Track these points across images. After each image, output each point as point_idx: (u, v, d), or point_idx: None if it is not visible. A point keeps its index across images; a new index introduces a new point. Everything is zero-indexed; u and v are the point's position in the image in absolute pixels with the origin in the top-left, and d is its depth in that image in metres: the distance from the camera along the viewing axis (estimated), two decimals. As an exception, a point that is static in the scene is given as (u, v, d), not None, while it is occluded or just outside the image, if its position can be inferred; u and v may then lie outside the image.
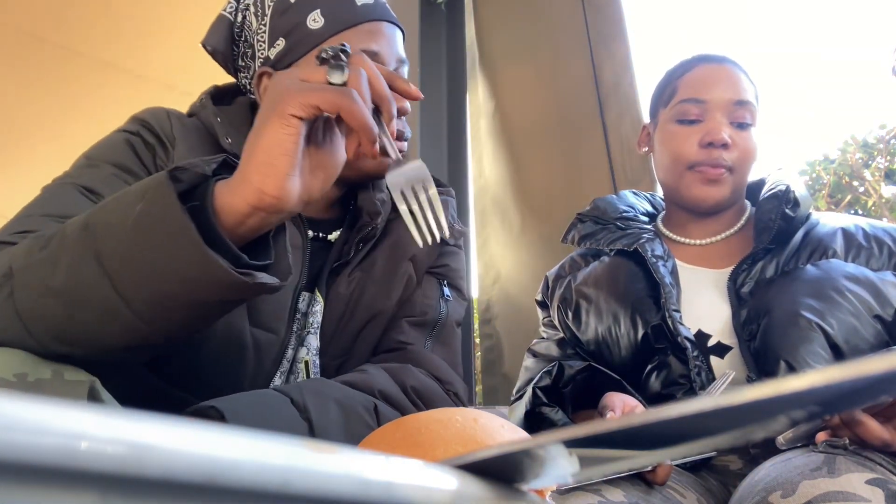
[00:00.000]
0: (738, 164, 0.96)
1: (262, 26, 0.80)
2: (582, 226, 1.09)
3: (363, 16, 0.79)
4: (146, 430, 0.13)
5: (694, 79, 0.99)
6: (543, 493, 0.40)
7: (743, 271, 0.93)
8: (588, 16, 1.71)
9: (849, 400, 0.19)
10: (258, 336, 0.73)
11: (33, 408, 0.12)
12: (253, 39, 0.81)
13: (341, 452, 0.17)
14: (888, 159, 4.88)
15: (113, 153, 0.73)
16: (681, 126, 0.98)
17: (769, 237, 0.92)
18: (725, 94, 0.96)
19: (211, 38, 0.83)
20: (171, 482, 0.13)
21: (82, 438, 0.12)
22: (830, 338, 0.83)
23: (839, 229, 0.94)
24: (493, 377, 1.88)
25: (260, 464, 0.15)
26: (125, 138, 0.74)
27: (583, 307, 1.01)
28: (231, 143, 0.76)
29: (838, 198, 4.89)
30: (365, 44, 0.78)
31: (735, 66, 1.00)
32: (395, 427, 0.42)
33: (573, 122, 1.73)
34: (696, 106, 0.97)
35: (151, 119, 0.76)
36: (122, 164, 0.72)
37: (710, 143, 0.94)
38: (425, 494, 0.19)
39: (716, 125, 0.95)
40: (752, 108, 0.96)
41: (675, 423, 0.20)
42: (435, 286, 0.86)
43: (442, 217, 0.59)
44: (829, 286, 0.86)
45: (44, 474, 0.12)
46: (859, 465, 0.63)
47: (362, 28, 0.78)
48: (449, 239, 0.85)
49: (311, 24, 0.78)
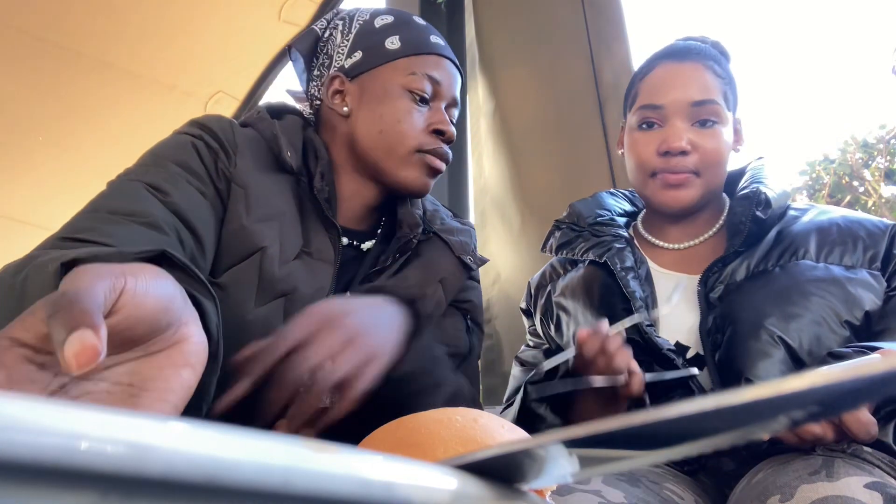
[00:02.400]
0: (703, 166, 0.92)
1: (346, 41, 0.90)
2: (559, 233, 1.07)
3: (434, 49, 0.89)
4: (146, 430, 0.13)
5: (652, 82, 0.96)
6: (543, 493, 0.40)
7: (713, 274, 0.91)
8: (588, 16, 1.71)
9: (849, 400, 0.19)
10: None
11: (33, 408, 0.12)
12: (333, 52, 0.91)
13: (341, 452, 0.17)
14: (888, 159, 4.88)
15: (177, 153, 0.75)
16: (641, 133, 0.96)
17: (740, 241, 0.90)
18: (683, 95, 0.92)
19: (299, 44, 0.92)
20: (171, 482, 0.13)
21: (82, 438, 0.12)
22: (794, 351, 0.81)
23: (814, 228, 0.91)
24: (493, 377, 1.88)
25: (260, 464, 0.15)
26: (188, 140, 0.78)
27: (563, 320, 1.00)
28: (290, 156, 0.82)
29: (838, 198, 4.89)
30: (431, 70, 0.87)
31: (698, 61, 0.95)
32: (395, 427, 0.42)
33: (573, 122, 1.73)
34: (654, 112, 0.94)
35: (213, 125, 0.80)
36: (187, 164, 0.75)
37: (668, 152, 0.92)
38: (425, 494, 0.19)
39: (674, 132, 0.92)
40: (714, 106, 0.92)
41: (675, 423, 0.20)
42: (460, 319, 0.90)
43: None
44: (795, 292, 0.84)
45: (44, 474, 0.12)
46: (858, 468, 0.63)
47: (431, 58, 0.88)
48: (473, 265, 0.90)
49: (389, 45, 0.87)
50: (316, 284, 0.79)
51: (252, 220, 0.76)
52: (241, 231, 0.75)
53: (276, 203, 0.79)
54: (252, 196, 0.77)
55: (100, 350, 0.32)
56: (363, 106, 0.86)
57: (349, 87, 0.88)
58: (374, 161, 0.85)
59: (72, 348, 0.32)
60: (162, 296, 0.40)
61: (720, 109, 0.93)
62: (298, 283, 0.77)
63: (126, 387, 0.39)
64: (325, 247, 0.81)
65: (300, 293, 0.76)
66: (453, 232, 0.92)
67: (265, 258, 0.75)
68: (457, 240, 0.91)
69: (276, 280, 0.75)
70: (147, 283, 0.39)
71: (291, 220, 0.80)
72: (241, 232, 0.75)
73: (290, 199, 0.82)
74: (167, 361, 0.41)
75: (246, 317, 0.73)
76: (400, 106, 0.85)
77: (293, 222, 0.80)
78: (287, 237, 0.78)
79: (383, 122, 0.84)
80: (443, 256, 0.88)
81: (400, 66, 0.86)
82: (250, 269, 0.74)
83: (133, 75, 2.48)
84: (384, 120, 0.84)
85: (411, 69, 0.86)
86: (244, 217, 0.76)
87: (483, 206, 1.98)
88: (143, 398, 0.39)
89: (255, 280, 0.74)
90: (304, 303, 0.76)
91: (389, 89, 0.85)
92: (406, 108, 0.85)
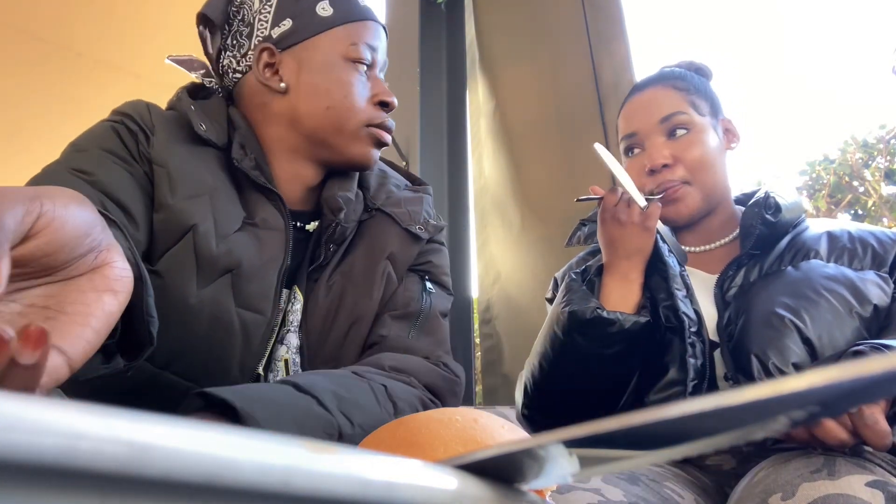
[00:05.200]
0: (692, 172, 0.98)
1: (267, 6, 0.82)
2: (586, 228, 1.10)
3: (367, 14, 0.84)
4: (146, 430, 0.13)
5: (625, 115, 1.06)
6: (543, 493, 0.40)
7: (728, 277, 0.95)
8: (588, 16, 1.71)
9: (849, 400, 0.19)
10: (245, 317, 0.73)
11: (33, 408, 0.12)
12: (253, 19, 0.83)
13: (341, 452, 0.17)
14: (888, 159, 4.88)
15: (100, 140, 0.74)
16: (629, 160, 1.04)
17: (751, 242, 0.94)
18: (650, 117, 1.01)
19: (209, 9, 0.83)
20: (171, 482, 0.13)
21: (82, 438, 0.12)
22: (803, 333, 0.83)
23: (825, 233, 0.95)
24: (493, 377, 1.88)
25: (260, 464, 0.15)
26: (110, 125, 0.76)
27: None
28: (205, 129, 0.78)
29: (838, 198, 4.89)
30: (369, 39, 0.83)
31: (658, 84, 1.04)
32: (395, 427, 0.42)
33: (573, 122, 1.73)
34: (631, 140, 1.03)
35: (131, 110, 0.78)
36: (110, 148, 0.73)
37: (652, 170, 0.98)
38: (425, 494, 0.19)
39: (651, 152, 0.99)
40: (681, 117, 0.99)
41: (675, 423, 0.20)
42: (416, 281, 0.86)
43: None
44: (806, 286, 0.87)
45: (44, 474, 0.12)
46: (859, 467, 0.63)
47: (366, 24, 0.83)
48: (423, 234, 0.86)
49: (321, 11, 0.81)
50: (266, 255, 0.75)
51: (178, 198, 0.72)
52: (169, 211, 0.71)
53: (203, 178, 0.75)
54: (174, 174, 0.73)
55: (3, 275, 0.31)
56: (303, 81, 0.80)
57: (282, 60, 0.81)
58: (322, 139, 0.81)
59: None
60: (81, 221, 0.38)
61: (689, 118, 1.00)
62: (243, 257, 0.73)
63: (41, 309, 0.38)
64: (270, 215, 0.77)
65: (246, 266, 0.73)
66: (400, 203, 0.88)
67: (198, 236, 0.71)
68: (403, 211, 0.86)
69: (216, 257, 0.71)
70: (66, 208, 0.37)
71: (225, 194, 0.76)
72: (169, 212, 0.71)
73: (220, 173, 0.78)
74: (88, 286, 0.39)
75: (189, 300, 0.69)
76: (345, 79, 0.80)
77: (228, 196, 0.76)
78: (221, 212, 0.74)
79: (330, 97, 0.80)
80: (389, 231, 0.84)
81: (339, 34, 0.81)
82: (185, 250, 0.70)
83: (134, 75, 2.48)
84: (331, 95, 0.80)
85: (352, 39, 0.81)
86: (169, 197, 0.72)
87: (483, 206, 1.98)
88: (60, 320, 0.37)
89: (193, 260, 0.70)
90: (254, 275, 0.74)
91: (331, 61, 0.80)
92: (351, 80, 0.80)
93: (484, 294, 1.97)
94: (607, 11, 1.69)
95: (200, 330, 0.70)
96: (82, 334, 0.37)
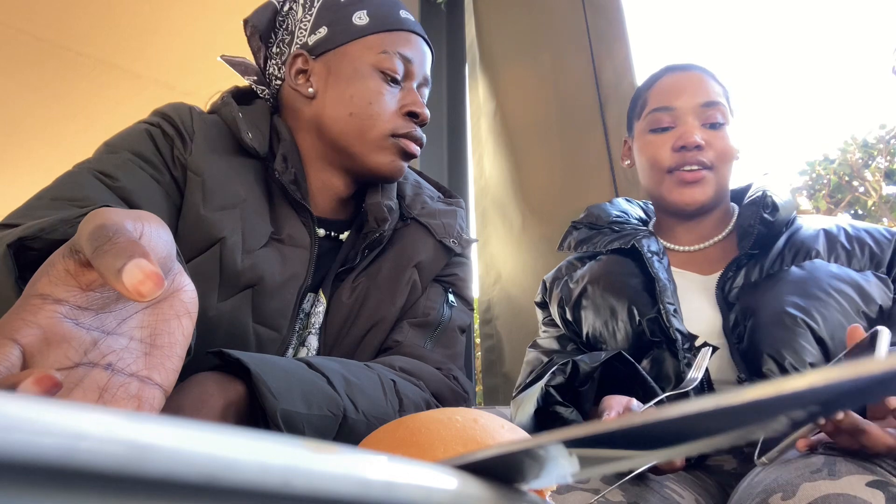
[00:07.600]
0: (717, 161, 0.98)
1: (308, 16, 0.84)
2: (577, 232, 1.11)
3: (405, 25, 0.83)
4: (146, 430, 0.13)
5: (662, 88, 1.03)
6: (543, 494, 0.40)
7: (729, 278, 0.95)
8: (588, 16, 1.71)
9: (849, 400, 0.19)
10: (261, 333, 0.73)
11: (33, 408, 0.12)
12: (294, 28, 0.84)
13: (341, 452, 0.17)
14: (888, 159, 4.88)
15: (132, 142, 0.74)
16: (654, 135, 1.01)
17: (750, 242, 0.94)
18: (693, 98, 0.99)
19: (255, 18, 0.85)
20: (171, 482, 0.13)
21: (82, 438, 0.12)
22: (816, 332, 0.83)
23: (821, 231, 0.96)
24: (493, 377, 1.88)
25: (260, 464, 0.15)
26: (145, 129, 0.75)
27: (581, 303, 1.02)
28: (251, 138, 0.78)
29: (838, 198, 4.89)
30: (403, 48, 0.82)
31: (701, 71, 1.03)
32: (395, 427, 0.42)
33: (573, 123, 1.73)
34: (667, 114, 1.00)
35: (172, 112, 0.77)
36: (140, 152, 0.73)
37: (683, 147, 0.97)
38: (425, 494, 0.19)
39: (687, 129, 0.98)
40: (721, 107, 0.99)
41: (675, 423, 0.20)
42: (440, 292, 0.86)
43: None
44: (813, 285, 0.87)
45: (44, 474, 0.12)
46: (860, 466, 0.63)
47: (402, 34, 0.83)
48: (457, 247, 0.86)
49: (357, 20, 0.82)
50: (287, 272, 0.75)
51: (209, 209, 0.72)
52: (199, 221, 0.71)
53: (237, 190, 0.75)
54: (209, 184, 0.73)
55: (162, 277, 0.32)
56: (330, 87, 0.81)
57: (314, 66, 0.82)
58: (344, 146, 0.81)
59: (133, 278, 0.31)
60: (168, 244, 0.40)
61: (726, 112, 1.00)
62: (265, 273, 0.73)
63: (139, 343, 0.39)
64: (297, 232, 0.77)
65: (267, 283, 0.73)
66: (435, 215, 0.88)
67: (225, 249, 0.71)
68: (438, 223, 0.87)
69: (239, 272, 0.71)
70: (157, 231, 0.38)
71: (257, 207, 0.76)
72: (199, 222, 0.71)
73: (256, 185, 0.77)
74: (171, 312, 0.40)
75: (208, 313, 0.69)
76: (371, 86, 0.80)
77: (259, 209, 0.76)
78: (251, 225, 0.74)
79: (353, 103, 0.80)
80: (422, 241, 0.85)
81: (370, 43, 0.81)
82: (210, 262, 0.70)
83: (134, 75, 2.48)
84: (354, 102, 0.80)
85: (382, 47, 0.81)
86: (201, 207, 0.72)
87: (484, 207, 1.98)
88: (155, 356, 0.39)
89: (217, 273, 0.70)
90: (274, 292, 0.73)
91: (359, 68, 0.80)
92: (377, 88, 0.80)
93: (484, 294, 1.97)
94: (608, 12, 1.69)
95: (216, 343, 0.69)
96: (171, 365, 0.40)
